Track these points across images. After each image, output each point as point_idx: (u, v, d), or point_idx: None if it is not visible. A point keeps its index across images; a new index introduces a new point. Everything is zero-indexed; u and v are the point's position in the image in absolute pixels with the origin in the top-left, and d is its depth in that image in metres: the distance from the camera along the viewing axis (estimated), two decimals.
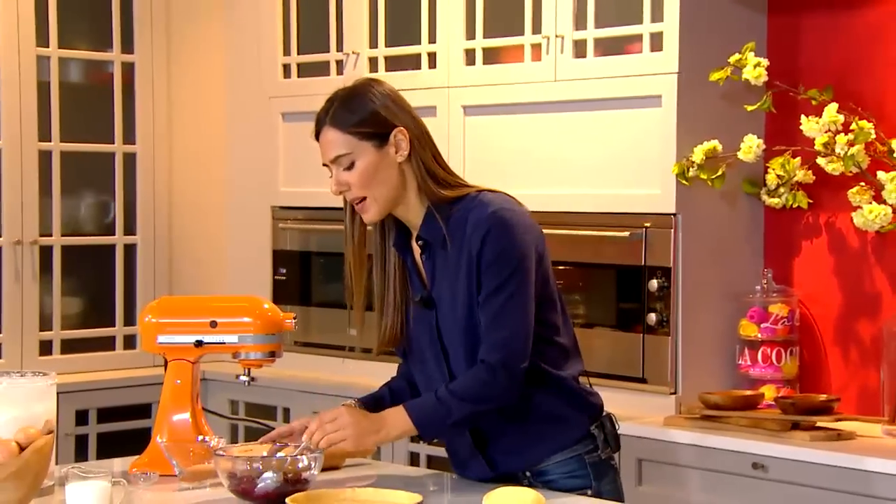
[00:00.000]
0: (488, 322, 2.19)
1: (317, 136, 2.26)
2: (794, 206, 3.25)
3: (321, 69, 4.03)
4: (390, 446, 3.68)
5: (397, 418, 2.21)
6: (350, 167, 2.22)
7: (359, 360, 3.18)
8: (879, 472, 2.74)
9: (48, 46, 4.13)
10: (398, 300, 2.30)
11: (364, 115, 2.21)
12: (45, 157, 4.13)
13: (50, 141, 4.14)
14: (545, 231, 2.32)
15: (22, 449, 2.07)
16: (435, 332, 2.28)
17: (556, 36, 3.41)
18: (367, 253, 2.32)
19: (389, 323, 2.31)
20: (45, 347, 4.13)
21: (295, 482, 2.14)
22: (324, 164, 2.27)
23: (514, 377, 2.19)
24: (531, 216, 2.28)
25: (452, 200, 2.25)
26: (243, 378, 2.52)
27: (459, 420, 2.22)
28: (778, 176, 3.24)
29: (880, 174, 3.03)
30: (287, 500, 2.04)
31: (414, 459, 3.66)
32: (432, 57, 3.72)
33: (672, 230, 3.23)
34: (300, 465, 2.15)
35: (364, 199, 2.24)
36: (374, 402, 2.35)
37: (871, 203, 3.05)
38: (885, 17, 3.21)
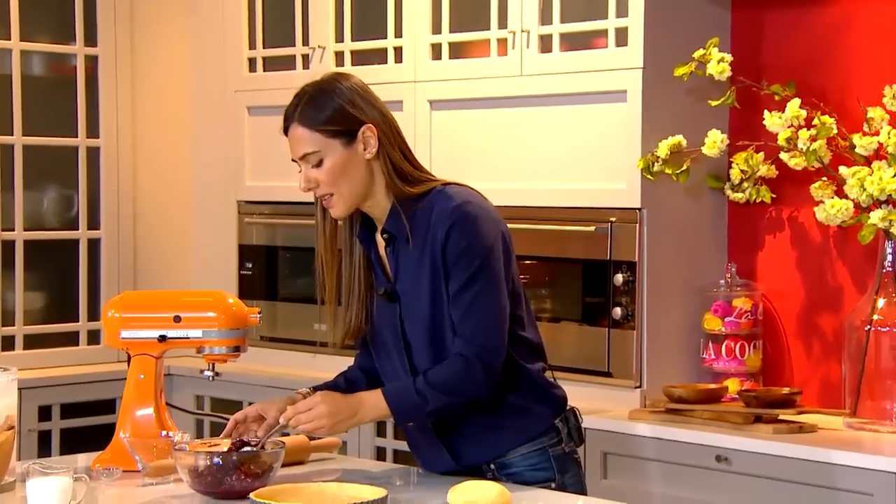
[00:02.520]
0: (461, 316, 2.20)
1: (285, 132, 2.26)
2: (758, 200, 3.28)
3: (287, 63, 4.02)
4: (357, 441, 3.68)
5: (374, 403, 2.22)
6: (318, 164, 2.22)
7: (329, 356, 3.15)
8: (841, 465, 2.77)
9: (10, 39, 4.09)
10: (362, 292, 2.31)
11: (332, 112, 2.21)
12: (6, 150, 4.09)
13: (12, 135, 4.10)
14: (511, 226, 2.32)
15: None
16: (398, 325, 2.28)
17: (522, 31, 3.42)
18: (338, 247, 2.32)
19: (354, 315, 2.31)
20: (8, 343, 4.10)
21: (255, 476, 2.13)
22: (293, 160, 2.27)
23: (491, 370, 2.20)
24: (496, 210, 2.29)
25: (417, 196, 2.25)
26: (207, 373, 2.51)
27: (435, 410, 2.23)
28: (741, 171, 3.26)
29: (842, 169, 3.06)
30: (251, 495, 2.03)
31: (380, 454, 3.67)
32: (398, 51, 3.72)
33: (637, 225, 3.24)
34: (261, 458, 2.14)
35: (331, 195, 2.24)
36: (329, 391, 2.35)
37: (833, 198, 3.08)
38: (847, 14, 3.24)
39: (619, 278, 3.26)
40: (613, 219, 3.28)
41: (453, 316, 2.21)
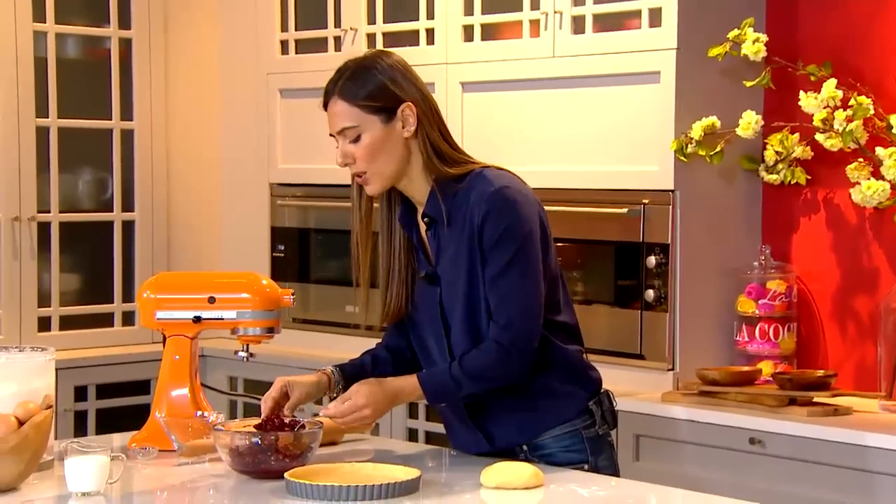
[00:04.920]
0: (498, 302, 2.20)
1: (325, 106, 2.26)
2: (793, 182, 3.25)
3: (319, 45, 4.02)
4: (389, 423, 3.70)
5: (411, 389, 2.24)
6: (356, 140, 2.22)
7: (362, 337, 3.20)
8: (876, 447, 2.75)
9: (45, 22, 4.11)
10: (403, 274, 2.31)
11: (372, 88, 2.21)
12: (42, 133, 4.13)
13: (47, 117, 4.13)
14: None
15: (21, 424, 2.07)
16: (438, 308, 2.28)
17: (555, 12, 3.40)
18: (373, 229, 2.32)
19: (394, 296, 2.32)
20: (44, 324, 4.14)
21: (294, 457, 2.14)
22: (330, 135, 2.27)
23: (525, 357, 2.21)
24: (535, 195, 2.29)
25: (457, 177, 2.25)
26: (242, 354, 2.52)
27: (469, 394, 2.25)
28: (776, 152, 3.24)
29: (879, 150, 3.03)
30: (286, 474, 2.05)
31: (412, 435, 3.68)
32: (430, 33, 3.71)
33: (670, 207, 3.23)
34: (300, 439, 2.16)
35: (366, 172, 2.24)
36: (354, 370, 2.35)
37: (869, 179, 3.05)
38: None
39: (651, 260, 3.24)
40: (646, 201, 3.27)
41: (489, 301, 2.21)
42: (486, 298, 2.22)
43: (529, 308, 2.20)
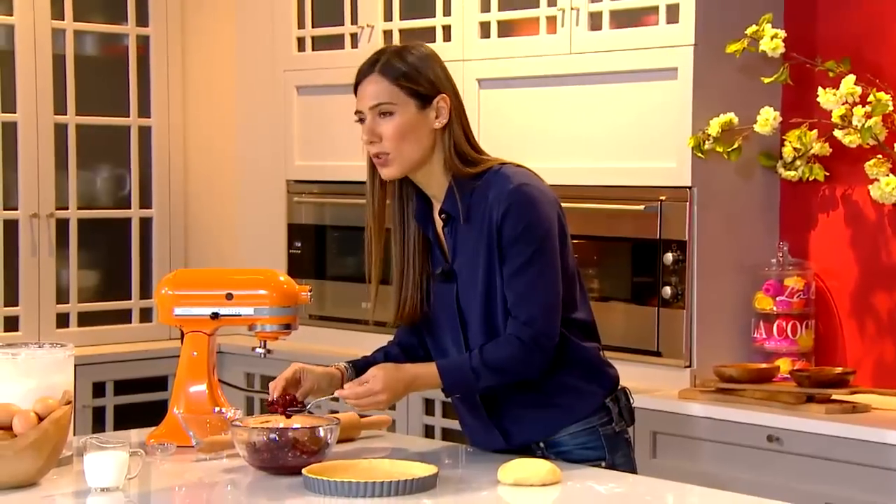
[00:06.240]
0: (517, 299, 2.20)
1: (357, 86, 2.24)
2: (811, 178, 3.24)
3: (336, 42, 4.02)
4: (405, 419, 3.70)
5: (428, 377, 2.24)
6: (387, 118, 2.21)
7: (378, 334, 3.20)
8: (895, 445, 2.74)
9: (63, 19, 4.13)
10: (417, 275, 2.30)
11: (413, 71, 2.22)
12: (60, 130, 4.15)
13: (65, 114, 4.15)
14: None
15: (41, 419, 2.09)
16: (454, 305, 2.28)
17: (572, 8, 3.40)
18: (386, 223, 2.32)
19: (409, 298, 2.31)
20: (62, 320, 4.16)
21: (311, 453, 2.15)
22: (356, 114, 2.25)
23: (546, 353, 2.21)
24: (553, 192, 2.28)
25: (475, 175, 2.25)
26: (259, 350, 2.53)
27: (486, 387, 2.25)
28: (794, 148, 3.23)
29: None
30: (303, 470, 2.05)
31: (428, 432, 3.68)
32: (447, 30, 3.71)
33: (687, 203, 3.22)
34: (317, 435, 2.16)
35: (388, 154, 2.22)
36: (367, 366, 2.35)
37: (888, 175, 3.04)
38: None
39: (668, 257, 3.24)
40: (663, 197, 3.26)
41: (508, 298, 2.21)
42: (503, 295, 2.22)
43: (550, 305, 2.20)
